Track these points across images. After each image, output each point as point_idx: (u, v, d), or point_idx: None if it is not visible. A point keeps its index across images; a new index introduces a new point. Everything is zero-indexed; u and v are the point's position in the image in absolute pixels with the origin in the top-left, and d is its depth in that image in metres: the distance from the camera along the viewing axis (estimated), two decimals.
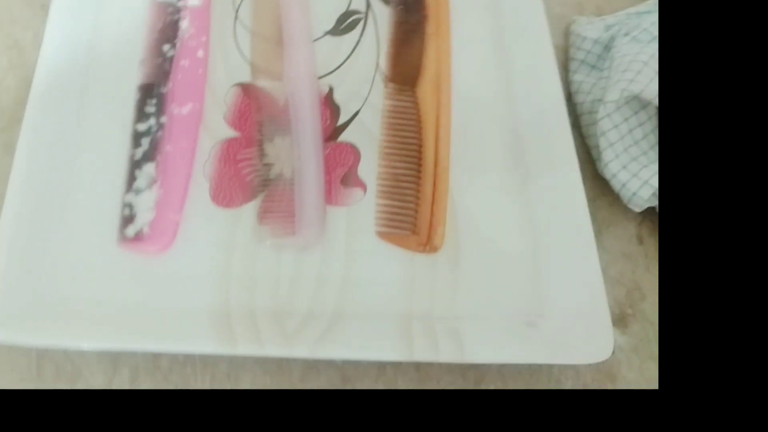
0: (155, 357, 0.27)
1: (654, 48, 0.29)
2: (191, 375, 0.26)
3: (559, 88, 0.31)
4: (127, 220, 0.28)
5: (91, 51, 0.32)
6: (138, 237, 0.28)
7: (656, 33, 0.31)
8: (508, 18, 0.34)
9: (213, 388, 0.26)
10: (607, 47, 0.33)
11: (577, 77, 0.33)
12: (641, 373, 0.27)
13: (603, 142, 0.29)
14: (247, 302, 0.27)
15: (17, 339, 0.25)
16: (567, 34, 0.35)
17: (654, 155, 0.29)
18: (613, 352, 0.27)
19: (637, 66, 0.29)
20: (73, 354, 0.26)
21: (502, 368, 0.27)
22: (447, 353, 0.25)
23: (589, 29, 0.33)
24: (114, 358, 0.26)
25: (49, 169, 0.29)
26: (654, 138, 0.29)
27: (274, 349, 0.25)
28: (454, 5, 0.35)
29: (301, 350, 0.25)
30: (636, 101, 0.29)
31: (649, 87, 0.28)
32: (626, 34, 0.32)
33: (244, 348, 0.25)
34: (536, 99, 0.31)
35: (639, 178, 0.28)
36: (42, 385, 0.26)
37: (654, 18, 0.31)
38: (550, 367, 0.27)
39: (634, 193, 0.28)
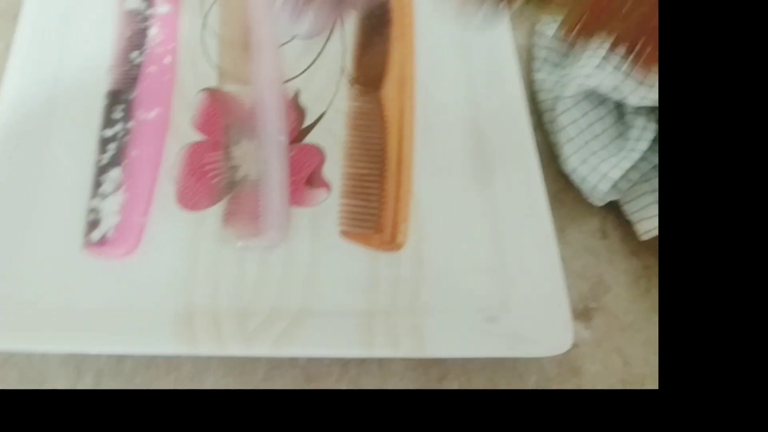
0: (119, 361, 0.27)
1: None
2: (154, 377, 0.26)
3: (519, 88, 0.31)
4: (93, 224, 0.29)
5: (59, 60, 0.33)
6: (103, 241, 0.28)
7: None
8: None
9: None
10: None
11: (540, 75, 0.33)
12: (605, 366, 0.27)
13: (563, 138, 0.30)
14: (210, 303, 0.27)
15: None
16: (532, 33, 0.36)
17: (614, 149, 0.29)
18: (577, 346, 0.27)
19: (594, 61, 0.29)
20: (36, 359, 0.27)
21: (465, 364, 0.27)
22: (407, 349, 0.25)
23: (553, 27, 0.34)
24: (78, 363, 0.27)
25: (15, 175, 0.29)
26: (614, 132, 0.30)
27: (234, 348, 0.25)
28: (418, 9, 0.36)
29: (262, 349, 0.25)
30: (595, 96, 0.29)
31: (606, 81, 0.28)
32: None
33: (205, 348, 0.25)
34: (497, 99, 0.32)
35: (598, 172, 0.28)
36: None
37: None
38: (514, 361, 0.27)
39: (594, 187, 0.29)
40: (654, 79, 0.27)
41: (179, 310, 0.26)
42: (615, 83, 0.28)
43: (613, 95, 0.28)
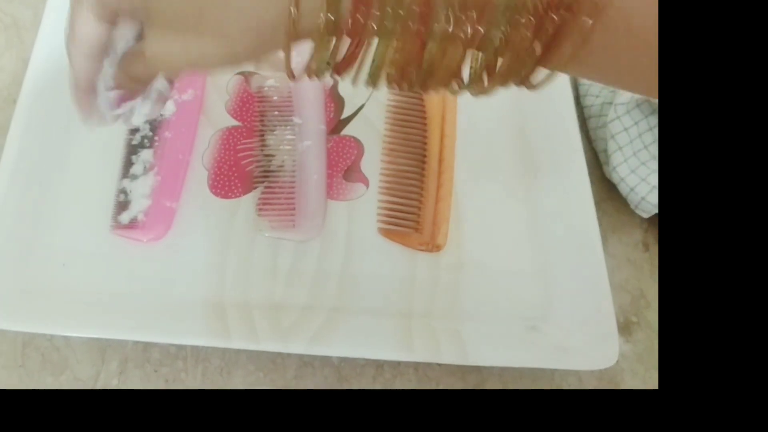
0: (145, 349, 0.26)
1: None
2: (182, 369, 0.25)
3: (568, 89, 0.30)
4: (122, 206, 0.27)
5: None
6: (132, 224, 0.27)
7: None
8: None
9: (204, 382, 0.25)
10: None
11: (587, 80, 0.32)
12: (645, 381, 0.27)
13: (612, 145, 0.29)
14: (242, 295, 0.26)
15: (3, 324, 0.24)
16: None
17: None
18: (617, 360, 0.27)
19: None
20: (60, 343, 0.26)
21: (503, 372, 0.26)
22: (449, 354, 0.24)
23: None
24: (102, 349, 0.25)
25: (43, 152, 0.28)
26: None
27: (269, 343, 0.24)
28: None
29: (297, 346, 0.24)
30: (646, 105, 0.29)
31: None
32: None
33: (239, 341, 0.24)
34: (545, 100, 0.31)
35: (648, 183, 0.28)
36: (25, 374, 0.25)
37: None
38: (552, 372, 0.26)
39: (643, 198, 0.28)
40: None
41: (210, 301, 0.25)
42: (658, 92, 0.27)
43: None
